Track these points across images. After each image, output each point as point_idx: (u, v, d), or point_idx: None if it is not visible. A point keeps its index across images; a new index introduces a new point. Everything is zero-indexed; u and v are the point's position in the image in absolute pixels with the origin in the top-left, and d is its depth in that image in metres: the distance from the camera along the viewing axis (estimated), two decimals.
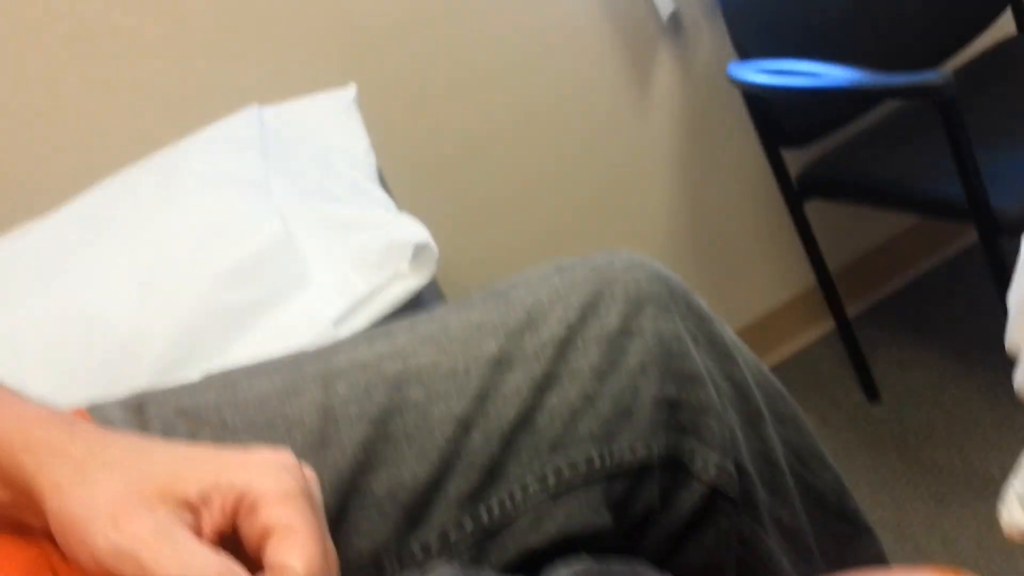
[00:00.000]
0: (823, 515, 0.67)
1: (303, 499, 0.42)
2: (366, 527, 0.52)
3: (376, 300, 0.84)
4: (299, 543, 0.40)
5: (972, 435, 1.39)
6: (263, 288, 0.83)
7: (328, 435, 0.53)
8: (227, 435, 0.54)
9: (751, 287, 1.71)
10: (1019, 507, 0.34)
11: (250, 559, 0.41)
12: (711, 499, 0.59)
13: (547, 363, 0.57)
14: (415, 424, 0.54)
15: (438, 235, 0.90)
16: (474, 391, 0.55)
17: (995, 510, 1.23)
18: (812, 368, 1.69)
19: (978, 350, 1.53)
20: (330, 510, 0.51)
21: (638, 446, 0.57)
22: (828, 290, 1.52)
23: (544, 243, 1.53)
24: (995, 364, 1.45)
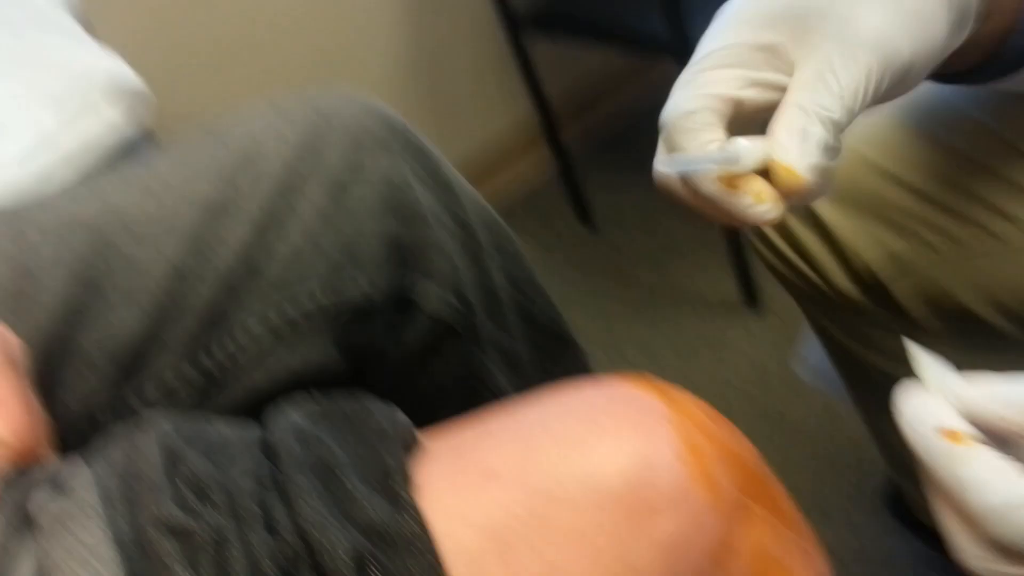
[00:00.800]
0: (538, 336, 0.72)
1: (1, 364, 0.39)
2: (77, 384, 0.49)
3: (71, 139, 0.76)
4: (2, 411, 0.37)
5: (675, 257, 1.53)
6: None
7: (23, 291, 0.49)
8: None
9: (472, 118, 1.73)
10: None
11: None
12: (436, 331, 0.61)
13: (267, 205, 0.55)
14: (124, 273, 0.51)
15: (160, 86, 0.83)
16: (189, 236, 0.53)
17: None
18: (531, 195, 1.76)
19: None
20: (35, 370, 0.47)
21: (365, 285, 0.58)
22: (546, 120, 1.57)
23: (269, 87, 1.46)
24: None
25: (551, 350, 0.73)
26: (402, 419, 0.34)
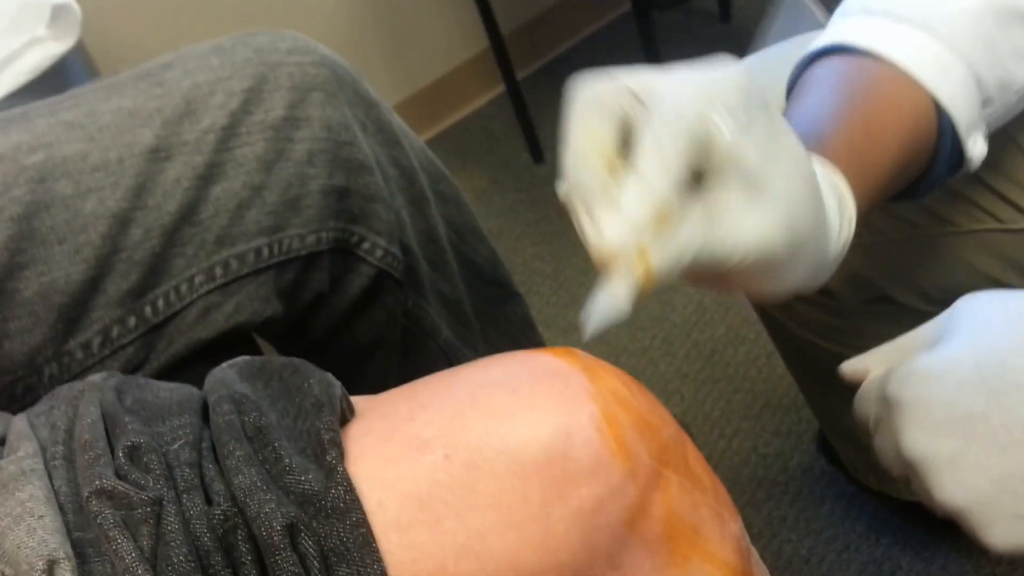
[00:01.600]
0: (479, 284, 0.73)
1: None
2: (22, 336, 0.50)
3: (10, 69, 0.75)
4: None
5: None
6: None
7: None
8: None
9: (425, 51, 1.71)
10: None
11: None
12: (378, 280, 0.62)
13: (209, 153, 0.55)
14: (65, 221, 0.51)
15: (103, 21, 0.80)
16: (130, 184, 0.53)
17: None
18: (484, 130, 1.76)
19: None
20: None
21: (307, 235, 0.58)
22: (500, 53, 1.55)
23: (212, 17, 1.42)
24: None
25: (493, 298, 0.74)
26: (337, 388, 0.35)
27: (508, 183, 1.64)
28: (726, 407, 1.14)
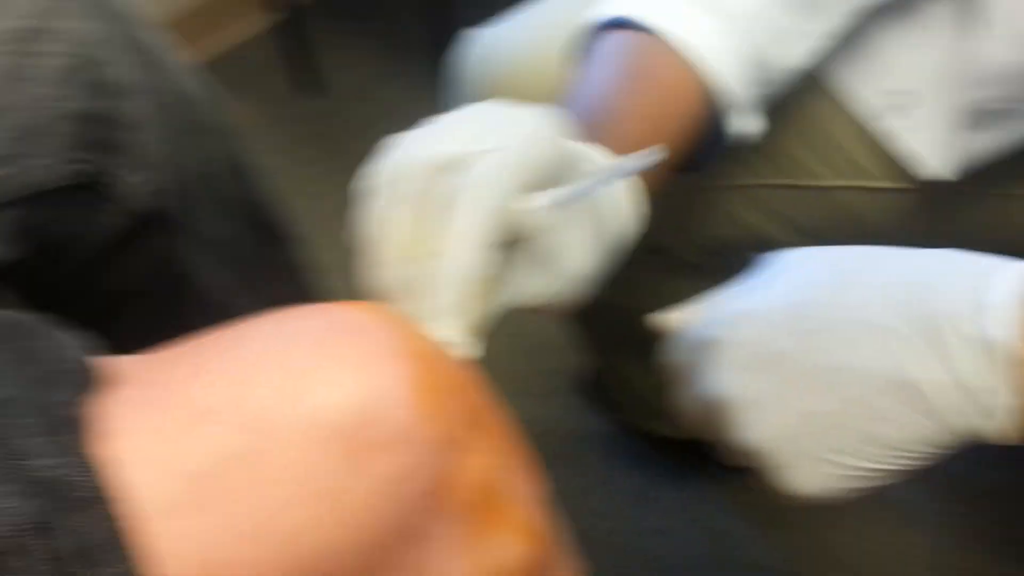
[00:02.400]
0: (252, 226, 0.68)
1: None
2: None
3: None
4: None
5: (394, 126, 1.49)
6: None
7: None
8: None
9: None
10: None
11: None
12: (134, 222, 0.56)
13: None
14: None
15: None
16: None
17: None
18: (253, 60, 1.65)
19: (409, 51, 1.61)
20: None
21: (53, 166, 0.51)
22: None
23: None
24: (421, 68, 1.55)
25: (266, 241, 0.69)
26: (80, 351, 0.30)
27: (284, 117, 1.55)
28: (498, 351, 1.15)
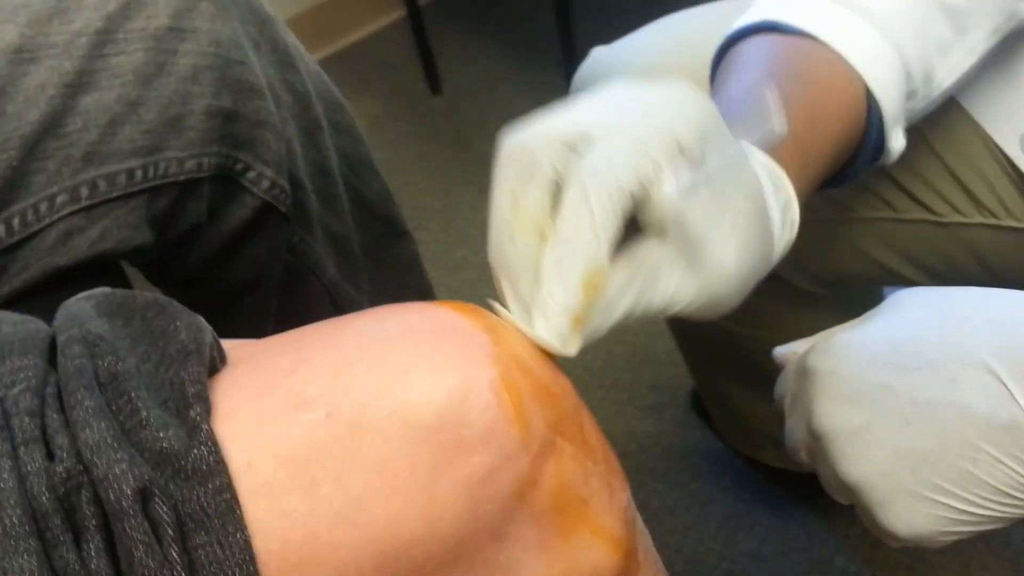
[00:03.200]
0: (369, 221, 0.70)
1: None
2: None
3: None
4: None
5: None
6: None
7: None
8: None
9: None
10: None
11: None
12: (262, 213, 0.59)
13: (80, 59, 0.50)
14: None
15: None
16: None
17: None
18: (380, 55, 1.70)
19: (532, 50, 1.63)
20: None
21: (186, 159, 0.54)
22: None
23: None
24: (544, 66, 1.57)
25: (382, 236, 0.71)
26: (208, 335, 0.32)
27: (402, 113, 1.59)
28: (607, 358, 1.15)
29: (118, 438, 0.28)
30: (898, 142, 0.51)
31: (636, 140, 0.34)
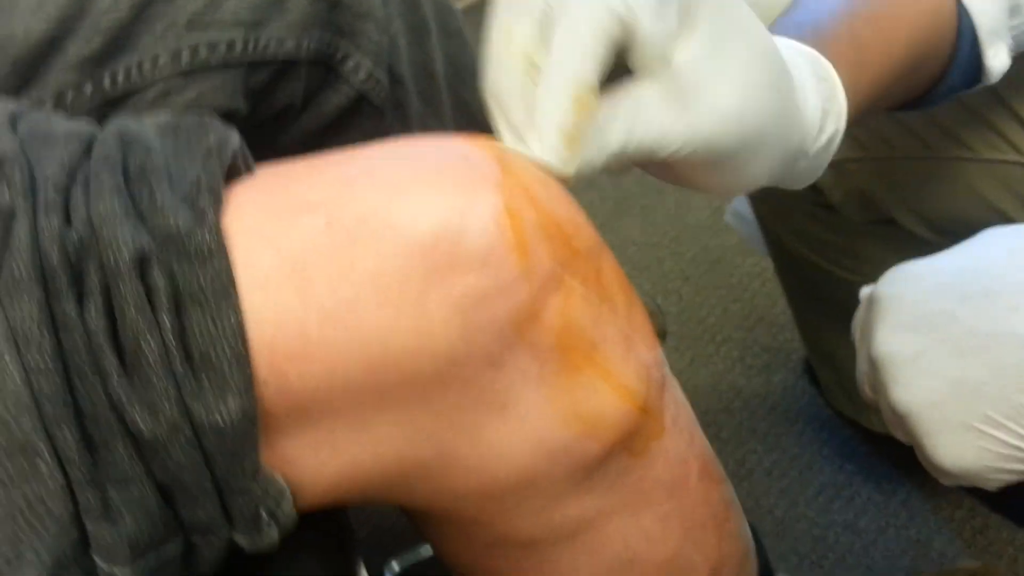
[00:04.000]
0: (469, 127, 0.70)
1: None
2: None
3: None
4: None
5: None
6: None
7: None
8: None
9: None
10: None
11: None
12: (360, 105, 0.60)
13: None
14: None
15: None
16: None
17: None
18: None
19: None
20: None
21: (287, 39, 0.56)
22: None
23: None
24: None
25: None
26: (236, 142, 0.34)
27: None
28: (722, 315, 1.12)
29: (128, 213, 0.30)
30: (999, 59, 0.48)
31: None
